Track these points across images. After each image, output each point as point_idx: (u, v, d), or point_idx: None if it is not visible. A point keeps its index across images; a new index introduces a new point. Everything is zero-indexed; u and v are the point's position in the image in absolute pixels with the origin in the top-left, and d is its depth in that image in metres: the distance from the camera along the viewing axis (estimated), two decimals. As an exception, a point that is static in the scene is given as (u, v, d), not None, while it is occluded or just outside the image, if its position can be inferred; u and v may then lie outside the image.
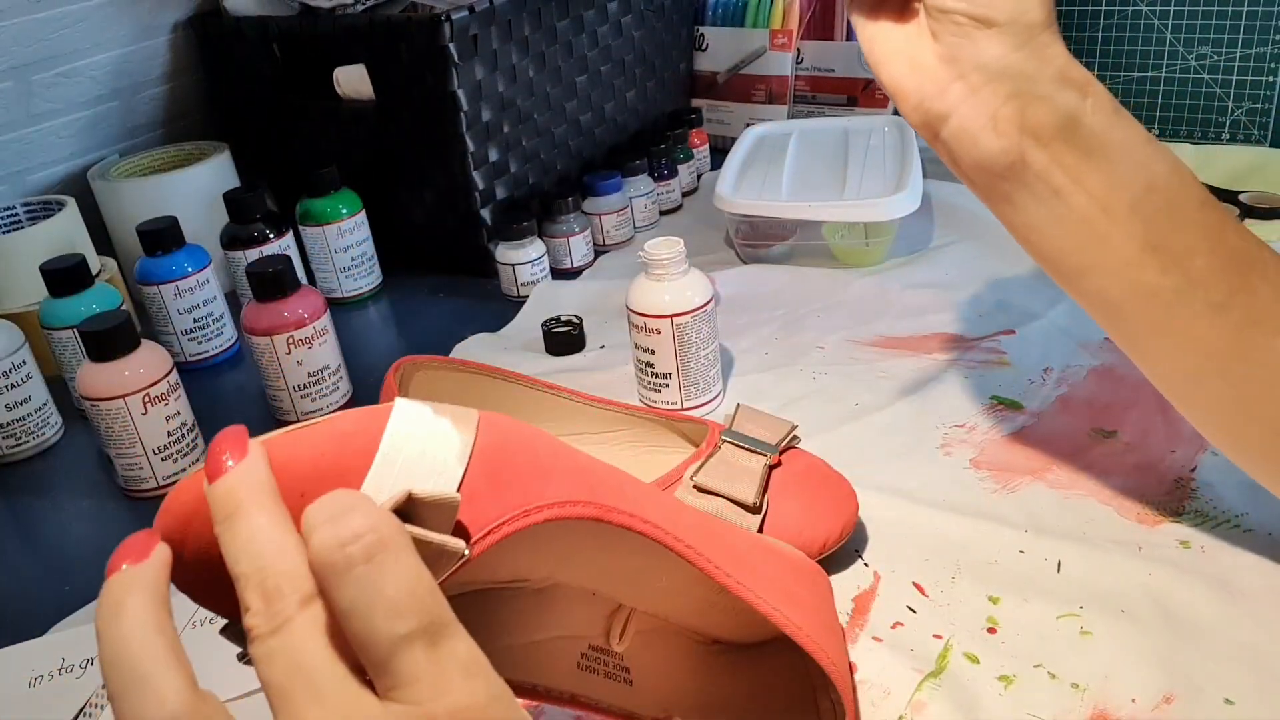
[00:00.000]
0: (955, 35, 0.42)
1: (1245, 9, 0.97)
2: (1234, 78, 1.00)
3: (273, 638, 0.24)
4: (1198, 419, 0.47)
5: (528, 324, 0.81)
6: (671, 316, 0.63)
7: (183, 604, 0.33)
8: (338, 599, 0.24)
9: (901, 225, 0.83)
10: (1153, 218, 0.42)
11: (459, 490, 0.28)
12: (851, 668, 0.46)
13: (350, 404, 0.73)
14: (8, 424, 0.71)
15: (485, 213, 0.89)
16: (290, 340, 0.68)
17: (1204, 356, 0.43)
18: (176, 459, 0.65)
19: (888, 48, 0.45)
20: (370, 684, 0.25)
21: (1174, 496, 0.54)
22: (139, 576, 0.26)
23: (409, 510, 0.27)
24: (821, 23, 1.10)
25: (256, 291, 0.68)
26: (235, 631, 0.27)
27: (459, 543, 0.27)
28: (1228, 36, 0.99)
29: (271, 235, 0.84)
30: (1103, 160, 0.42)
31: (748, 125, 1.01)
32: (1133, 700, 0.43)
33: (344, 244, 0.88)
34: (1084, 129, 0.42)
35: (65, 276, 0.72)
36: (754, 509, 0.51)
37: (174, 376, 0.65)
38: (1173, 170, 0.42)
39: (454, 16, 0.80)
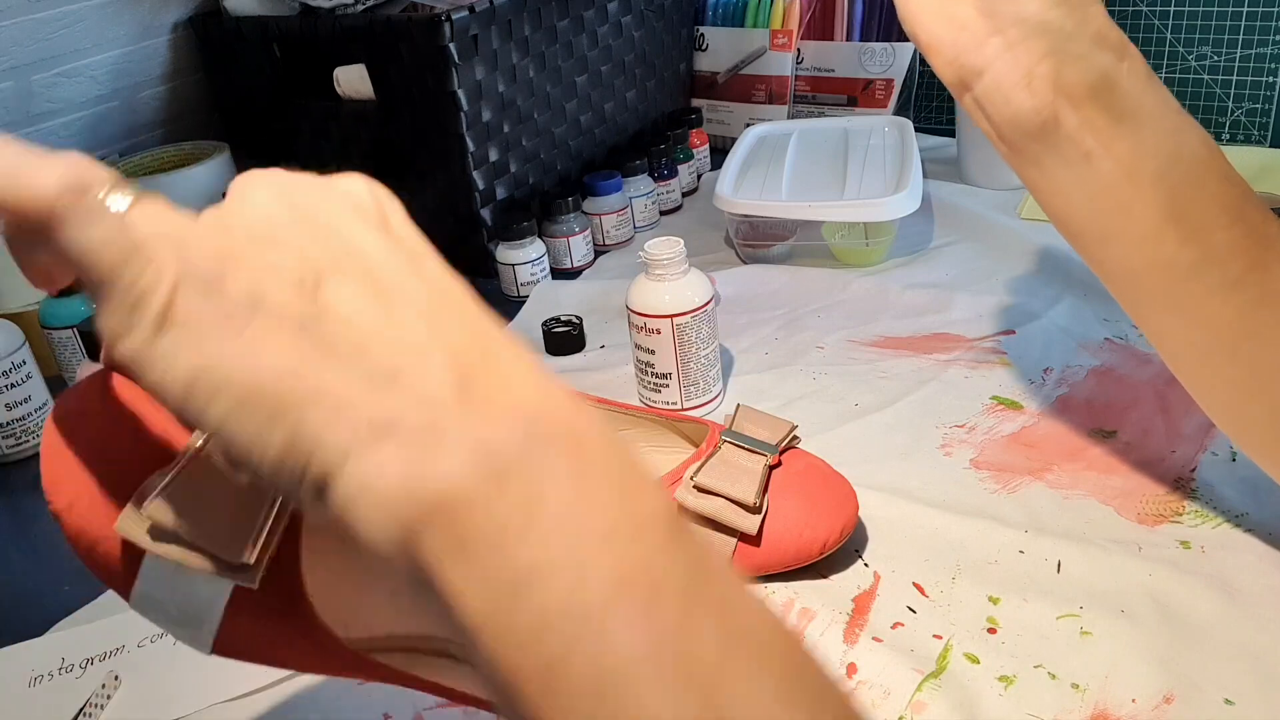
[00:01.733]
0: None
1: (1245, 9, 0.97)
2: (1234, 78, 1.00)
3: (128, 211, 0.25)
4: (1203, 398, 0.47)
5: (528, 324, 0.81)
6: (671, 316, 0.63)
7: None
8: None
9: (901, 225, 0.83)
10: (1176, 189, 0.42)
11: None
12: (851, 668, 0.46)
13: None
14: (8, 424, 0.70)
15: (485, 213, 0.89)
16: (290, 340, 0.68)
17: (1214, 333, 0.43)
18: (176, 459, 0.65)
19: (926, 1, 0.45)
20: None
21: (1174, 496, 0.54)
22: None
23: None
24: (821, 23, 1.10)
25: (256, 291, 0.68)
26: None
27: None
28: (1228, 36, 0.99)
29: (271, 235, 0.84)
30: (1133, 126, 0.42)
31: (748, 125, 1.01)
32: (1133, 700, 0.43)
33: (344, 244, 0.88)
34: (1118, 92, 0.41)
35: (65, 276, 0.72)
36: (754, 509, 0.51)
37: (174, 376, 0.65)
38: (1200, 143, 0.42)
39: (454, 16, 0.80)
